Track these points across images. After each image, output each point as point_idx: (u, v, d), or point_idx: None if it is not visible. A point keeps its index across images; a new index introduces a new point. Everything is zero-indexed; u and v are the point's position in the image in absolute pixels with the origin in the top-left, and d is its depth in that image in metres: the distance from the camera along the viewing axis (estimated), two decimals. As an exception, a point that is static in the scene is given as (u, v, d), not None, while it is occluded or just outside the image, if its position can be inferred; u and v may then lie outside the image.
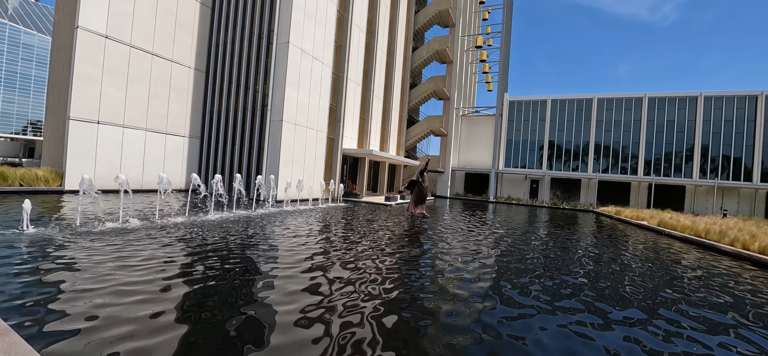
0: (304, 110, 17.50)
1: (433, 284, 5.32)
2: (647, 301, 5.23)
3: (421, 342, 3.29)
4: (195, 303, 3.82)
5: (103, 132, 14.74)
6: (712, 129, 29.64)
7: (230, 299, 4.03)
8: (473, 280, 5.64)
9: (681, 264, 8.70)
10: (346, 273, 5.47)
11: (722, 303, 5.42)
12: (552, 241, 10.96)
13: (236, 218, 9.91)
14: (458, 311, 4.18)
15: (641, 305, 5.01)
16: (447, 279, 5.60)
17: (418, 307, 4.22)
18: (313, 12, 17.73)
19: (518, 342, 3.48)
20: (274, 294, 4.31)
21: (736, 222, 17.31)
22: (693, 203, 30.31)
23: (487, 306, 4.44)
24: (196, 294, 4.09)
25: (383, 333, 3.42)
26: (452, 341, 3.36)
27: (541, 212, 24.39)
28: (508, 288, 5.34)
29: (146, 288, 4.12)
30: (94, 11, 14.28)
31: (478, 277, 5.86)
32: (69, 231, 6.76)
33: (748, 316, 4.89)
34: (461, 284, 5.37)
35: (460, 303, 4.45)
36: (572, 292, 5.40)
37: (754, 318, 4.82)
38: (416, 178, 14.32)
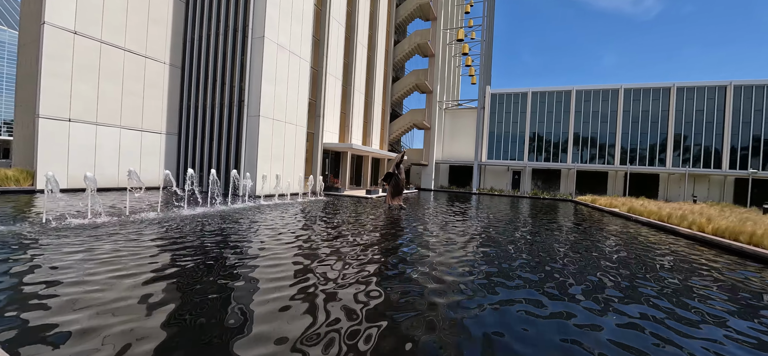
0: (282, 105, 17.55)
1: (383, 272, 5.63)
2: (588, 276, 5.64)
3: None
4: (152, 294, 4.02)
5: (74, 130, 14.55)
6: (685, 119, 30.74)
7: (189, 290, 4.24)
8: (432, 266, 5.97)
9: (638, 244, 9.24)
10: (303, 261, 5.73)
11: (653, 275, 5.89)
12: (519, 229, 11.41)
13: (207, 214, 10.04)
14: (412, 291, 4.49)
15: (583, 278, 5.42)
16: (403, 266, 5.91)
17: (367, 292, 4.51)
18: (289, 6, 17.70)
19: (457, 315, 3.80)
20: (233, 282, 4.54)
21: (700, 208, 18.17)
22: (666, 190, 31.48)
23: (436, 287, 4.77)
24: (156, 286, 4.29)
25: (333, 319, 3.70)
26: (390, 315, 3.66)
27: (520, 202, 25.04)
28: (457, 273, 5.68)
29: (104, 280, 4.30)
30: (62, 6, 14.00)
31: (441, 263, 6.19)
32: (35, 228, 6.82)
33: (665, 281, 5.36)
34: (415, 267, 5.69)
35: (414, 285, 4.76)
36: (520, 273, 5.78)
37: (672, 284, 5.28)
38: (393, 171, 14.62)
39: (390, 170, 14.69)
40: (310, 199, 16.66)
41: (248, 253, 6.00)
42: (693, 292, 5.21)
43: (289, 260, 5.72)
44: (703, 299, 4.88)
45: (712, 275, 6.36)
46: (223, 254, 5.81)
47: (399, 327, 3.39)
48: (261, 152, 16.20)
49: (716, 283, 5.79)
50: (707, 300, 4.86)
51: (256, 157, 16.01)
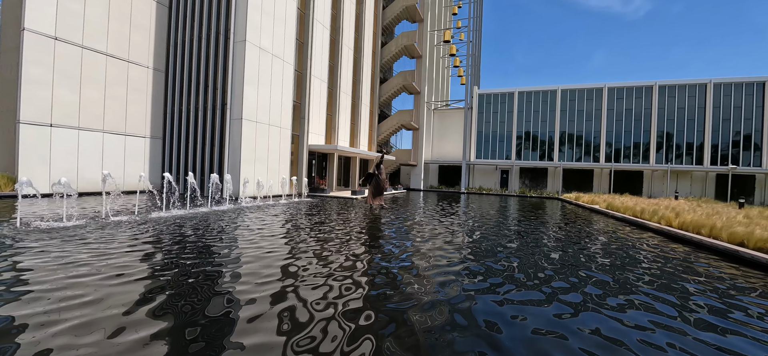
0: (266, 108, 17.77)
1: (350, 266, 5.89)
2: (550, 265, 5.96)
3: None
4: (121, 293, 4.25)
5: (56, 135, 14.65)
6: (667, 116, 31.38)
7: (157, 290, 4.48)
8: (409, 264, 6.25)
9: (604, 237, 9.60)
10: (270, 260, 5.98)
11: (615, 263, 6.23)
12: (497, 225, 11.73)
13: (183, 216, 10.23)
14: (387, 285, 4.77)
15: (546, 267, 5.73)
16: (366, 261, 6.18)
17: (331, 287, 4.78)
18: (272, 9, 17.94)
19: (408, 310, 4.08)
20: (201, 280, 4.78)
21: (677, 203, 18.66)
22: (650, 187, 32.09)
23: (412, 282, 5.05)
24: (125, 286, 4.51)
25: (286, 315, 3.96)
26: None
27: (506, 200, 25.43)
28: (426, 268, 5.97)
29: (66, 282, 4.52)
30: (41, 12, 14.12)
31: (417, 260, 6.47)
32: (7, 231, 6.99)
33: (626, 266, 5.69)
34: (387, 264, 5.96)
35: (389, 279, 5.03)
36: (486, 263, 6.08)
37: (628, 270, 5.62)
38: (373, 171, 14.87)
39: (370, 171, 14.95)
40: (294, 201, 16.88)
41: (206, 252, 6.23)
42: (627, 275, 5.55)
43: (242, 260, 5.96)
44: (629, 281, 5.22)
45: (648, 265, 6.71)
46: (182, 255, 6.04)
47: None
48: (244, 154, 16.40)
49: (650, 270, 6.14)
50: (631, 282, 5.19)
51: (238, 160, 16.21)
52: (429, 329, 3.45)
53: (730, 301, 4.75)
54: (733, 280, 5.96)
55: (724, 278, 6.10)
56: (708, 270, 6.58)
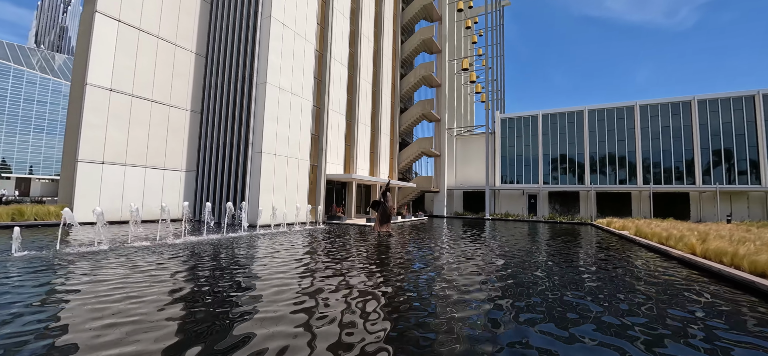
0: (284, 141, 19.13)
1: (337, 297, 6.26)
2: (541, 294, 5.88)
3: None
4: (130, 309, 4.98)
5: (107, 171, 16.86)
6: (711, 132, 28.85)
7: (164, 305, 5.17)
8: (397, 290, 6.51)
9: (616, 264, 9.07)
10: (264, 282, 6.51)
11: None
12: (488, 251, 11.49)
13: (199, 242, 11.21)
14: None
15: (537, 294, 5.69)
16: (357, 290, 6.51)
17: (323, 315, 5.19)
18: (290, 53, 19.75)
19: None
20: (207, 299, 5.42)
21: (717, 228, 16.93)
22: (699, 210, 29.07)
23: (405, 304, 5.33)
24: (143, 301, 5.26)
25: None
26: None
27: (531, 226, 24.35)
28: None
29: (91, 296, 5.35)
30: (101, 69, 16.80)
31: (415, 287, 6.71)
32: (49, 252, 8.23)
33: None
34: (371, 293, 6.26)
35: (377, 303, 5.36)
36: (482, 288, 6.14)
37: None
38: (380, 199, 15.25)
39: (377, 199, 15.35)
40: (306, 228, 17.61)
41: (204, 276, 6.89)
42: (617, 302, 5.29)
43: (234, 284, 6.52)
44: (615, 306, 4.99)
45: (640, 293, 6.29)
46: (175, 275, 6.74)
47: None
48: (263, 184, 17.62)
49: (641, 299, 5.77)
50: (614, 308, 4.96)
51: (258, 189, 17.44)
52: None
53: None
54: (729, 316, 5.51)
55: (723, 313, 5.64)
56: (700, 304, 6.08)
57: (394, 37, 32.86)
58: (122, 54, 17.58)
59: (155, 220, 17.00)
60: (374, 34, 29.57)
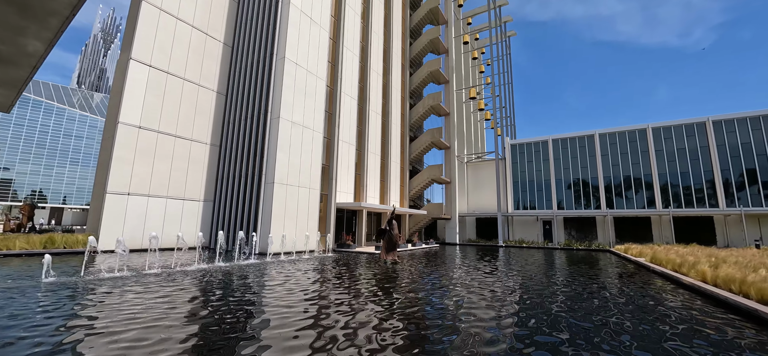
0: (296, 171, 20.02)
1: (318, 322, 6.63)
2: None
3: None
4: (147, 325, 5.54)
5: (132, 201, 18.06)
6: (730, 153, 27.95)
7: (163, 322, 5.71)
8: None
9: (617, 291, 8.99)
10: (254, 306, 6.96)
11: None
12: (485, 279, 11.53)
13: (208, 270, 11.81)
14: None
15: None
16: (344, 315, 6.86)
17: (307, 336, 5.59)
18: (303, 90, 21.07)
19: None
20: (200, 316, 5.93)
21: (739, 254, 16.27)
22: (726, 234, 27.65)
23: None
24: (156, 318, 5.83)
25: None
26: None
27: (549, 254, 23.81)
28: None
29: (104, 313, 5.95)
30: (132, 108, 18.45)
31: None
32: (75, 278, 8.98)
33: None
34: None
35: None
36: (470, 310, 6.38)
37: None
38: (385, 227, 15.59)
39: (383, 227, 15.69)
40: (317, 256, 18.01)
41: (203, 299, 7.39)
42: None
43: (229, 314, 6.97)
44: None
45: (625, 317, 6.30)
46: (185, 300, 7.26)
47: None
48: (275, 212, 18.34)
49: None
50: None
51: (270, 218, 18.15)
52: None
53: None
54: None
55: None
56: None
57: (403, 71, 34.30)
58: (151, 95, 19.29)
59: (173, 248, 17.82)
60: (383, 68, 31.04)
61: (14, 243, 14.09)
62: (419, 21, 37.52)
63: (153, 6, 19.69)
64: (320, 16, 23.37)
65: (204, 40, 22.49)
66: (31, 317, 5.42)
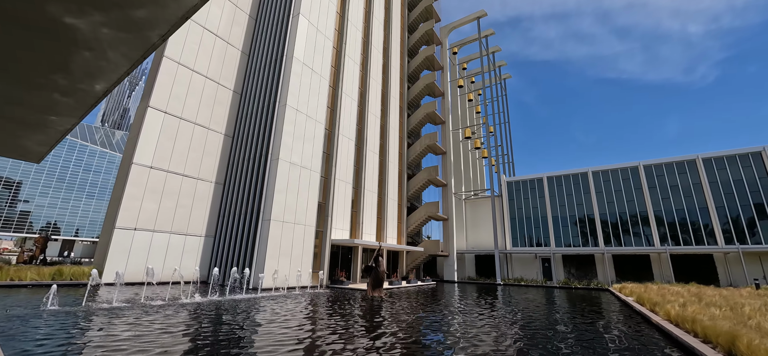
0: (292, 209, 21.14)
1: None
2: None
3: None
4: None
5: (137, 236, 19.26)
6: (723, 190, 28.16)
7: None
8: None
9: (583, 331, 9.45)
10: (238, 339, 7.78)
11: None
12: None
13: (200, 303, 12.63)
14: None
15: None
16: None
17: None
18: (302, 133, 22.74)
19: None
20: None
21: (728, 294, 16.37)
22: (728, 273, 27.14)
23: None
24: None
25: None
26: None
27: (545, 293, 23.77)
28: None
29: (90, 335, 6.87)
30: (146, 151, 20.20)
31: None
32: (75, 307, 9.94)
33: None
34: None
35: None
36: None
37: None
38: (371, 264, 16.30)
39: (369, 264, 16.40)
40: (308, 291, 18.61)
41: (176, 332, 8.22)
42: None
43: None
44: None
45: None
46: (177, 329, 8.11)
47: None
48: (270, 249, 19.25)
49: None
50: None
51: (264, 254, 19.04)
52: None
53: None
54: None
55: None
56: None
57: (401, 112, 36.29)
58: (164, 137, 21.14)
59: (172, 282, 18.68)
60: (381, 111, 33.01)
61: (25, 275, 15.23)
62: (417, 67, 40.12)
63: (172, 61, 22.11)
64: (321, 68, 25.62)
65: (216, 89, 24.76)
66: (27, 338, 6.35)
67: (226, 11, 26.24)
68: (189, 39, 23.19)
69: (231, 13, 26.60)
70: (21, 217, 66.23)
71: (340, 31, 29.12)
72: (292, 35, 24.11)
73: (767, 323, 7.84)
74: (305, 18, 24.74)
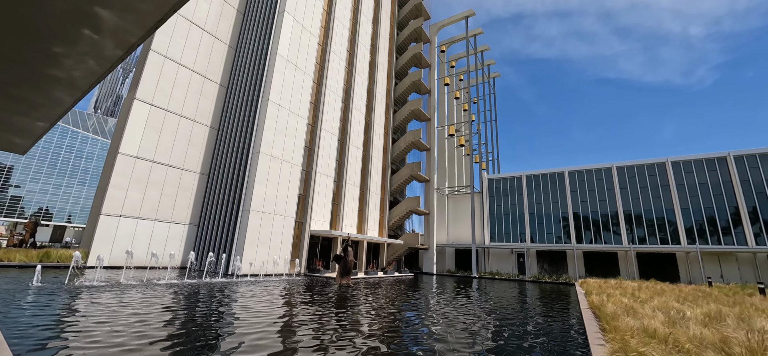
0: (272, 201, 22.16)
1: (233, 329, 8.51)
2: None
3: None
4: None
5: (122, 223, 20.21)
6: (688, 193, 29.58)
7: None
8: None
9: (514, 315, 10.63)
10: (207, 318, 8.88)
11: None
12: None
13: (179, 284, 13.71)
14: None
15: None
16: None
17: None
18: (284, 128, 23.66)
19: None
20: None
21: (671, 289, 17.70)
22: (689, 271, 28.71)
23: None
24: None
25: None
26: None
27: (515, 285, 25.14)
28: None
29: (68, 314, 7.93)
30: (132, 141, 21.05)
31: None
32: (56, 286, 10.98)
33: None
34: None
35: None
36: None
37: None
38: (341, 254, 17.44)
39: (338, 253, 17.54)
40: (284, 278, 19.75)
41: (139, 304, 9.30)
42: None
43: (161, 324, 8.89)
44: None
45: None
46: (151, 306, 9.19)
47: None
48: (249, 238, 20.32)
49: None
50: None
51: (244, 242, 20.11)
52: None
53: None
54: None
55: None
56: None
57: (387, 109, 37.18)
58: (150, 129, 21.96)
59: (149, 266, 19.70)
60: (366, 106, 33.90)
61: (14, 256, 16.20)
62: (405, 64, 40.91)
63: (159, 54, 22.83)
64: (305, 64, 26.44)
65: (202, 82, 25.52)
66: (8, 309, 7.39)
67: (214, 5, 26.88)
68: (176, 33, 23.88)
69: (219, 7, 27.24)
70: (12, 202, 66.59)
71: (326, 28, 29.86)
72: (276, 32, 24.86)
73: (643, 308, 9.12)
74: (290, 15, 25.48)
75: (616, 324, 6.43)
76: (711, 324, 6.32)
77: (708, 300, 12.22)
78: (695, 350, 4.66)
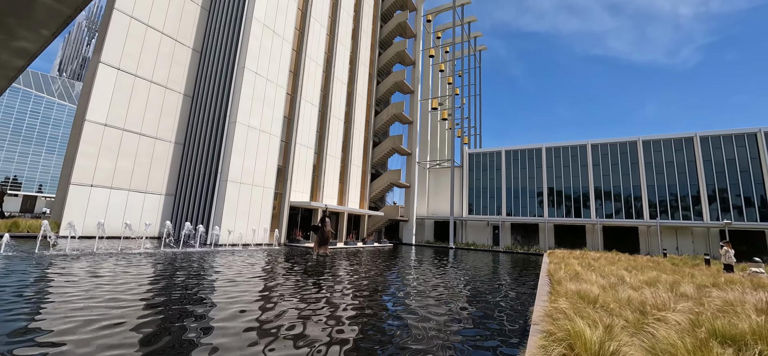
0: (250, 172, 21.99)
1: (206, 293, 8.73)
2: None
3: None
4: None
5: (94, 193, 19.72)
6: (655, 171, 31.18)
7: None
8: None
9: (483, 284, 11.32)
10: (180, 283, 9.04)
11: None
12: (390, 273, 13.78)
13: (155, 253, 13.76)
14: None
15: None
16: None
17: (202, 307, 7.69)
18: (262, 97, 23.07)
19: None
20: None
21: (627, 258, 19.01)
22: (648, 244, 30.83)
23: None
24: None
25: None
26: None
27: (488, 255, 26.37)
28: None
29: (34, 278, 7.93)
30: (99, 107, 20.10)
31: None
32: (24, 256, 10.86)
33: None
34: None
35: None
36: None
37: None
38: (318, 225, 17.76)
39: (316, 224, 17.86)
40: (263, 248, 20.04)
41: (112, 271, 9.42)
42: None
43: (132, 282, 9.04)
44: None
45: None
46: (123, 273, 9.28)
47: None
48: (227, 208, 20.30)
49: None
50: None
51: (222, 213, 20.09)
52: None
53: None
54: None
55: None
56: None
57: (370, 80, 36.58)
58: (118, 95, 20.96)
59: (123, 236, 19.54)
60: (349, 77, 33.24)
61: (-21, 226, 15.67)
62: (390, 33, 39.84)
63: (124, 13, 21.38)
64: (284, 30, 25.42)
65: (173, 46, 24.23)
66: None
67: (184, -38, 25.07)
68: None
69: (189, -35, 25.44)
70: (-26, 169, 62.99)
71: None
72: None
73: (588, 275, 9.99)
74: (267, -23, 24.15)
75: (558, 288, 7.06)
76: (641, 289, 7.05)
77: (655, 270, 13.37)
78: (617, 309, 5.26)
